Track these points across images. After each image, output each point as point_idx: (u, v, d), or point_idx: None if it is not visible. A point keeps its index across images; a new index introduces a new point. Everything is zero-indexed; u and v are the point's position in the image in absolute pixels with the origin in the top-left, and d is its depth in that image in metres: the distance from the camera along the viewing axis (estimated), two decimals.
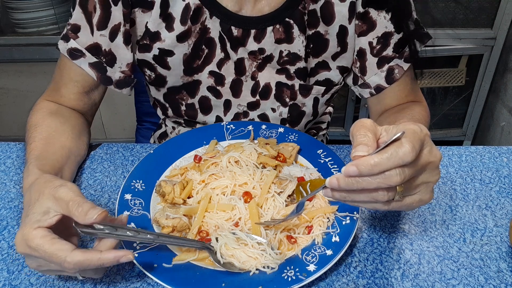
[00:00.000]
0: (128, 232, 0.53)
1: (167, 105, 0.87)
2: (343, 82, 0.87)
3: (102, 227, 0.52)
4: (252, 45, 0.78)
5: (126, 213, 0.64)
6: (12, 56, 1.94)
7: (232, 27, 0.76)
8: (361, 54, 0.81)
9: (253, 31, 0.76)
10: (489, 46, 1.94)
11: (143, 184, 0.70)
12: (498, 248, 0.64)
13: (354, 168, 0.48)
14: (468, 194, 0.74)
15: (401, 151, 0.47)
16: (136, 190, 0.69)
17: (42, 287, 0.58)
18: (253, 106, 0.86)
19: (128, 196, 0.67)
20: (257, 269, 0.57)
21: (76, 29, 0.75)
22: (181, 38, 0.76)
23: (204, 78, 0.81)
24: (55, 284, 0.58)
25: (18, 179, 0.77)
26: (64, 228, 0.55)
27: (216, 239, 0.59)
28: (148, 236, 0.55)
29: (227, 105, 0.86)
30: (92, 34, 0.75)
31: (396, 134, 0.48)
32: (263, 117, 0.88)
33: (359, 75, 0.84)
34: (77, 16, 0.74)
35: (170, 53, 0.78)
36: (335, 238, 0.61)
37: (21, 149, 0.85)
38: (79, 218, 0.51)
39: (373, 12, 0.77)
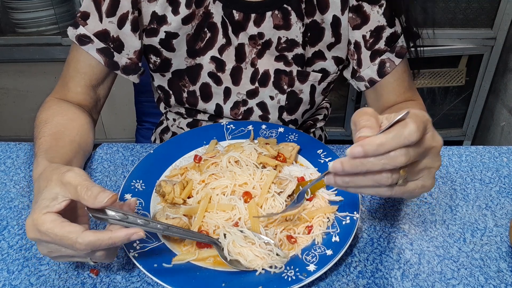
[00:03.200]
0: (139, 221, 0.53)
1: (171, 92, 0.89)
2: (339, 72, 0.89)
3: (113, 213, 0.52)
4: (252, 29, 0.80)
5: (133, 198, 0.64)
6: (12, 56, 1.94)
7: (234, 11, 0.79)
8: (357, 47, 0.84)
9: (253, 15, 0.79)
10: (489, 46, 1.94)
11: (143, 184, 0.70)
12: (498, 248, 0.64)
13: (359, 148, 0.47)
14: (468, 194, 0.74)
15: (406, 130, 0.47)
16: (136, 190, 0.69)
17: (42, 287, 0.58)
18: (252, 94, 0.88)
19: (128, 196, 0.67)
20: (263, 269, 0.57)
21: (85, 16, 0.78)
22: (186, 20, 0.80)
23: (206, 63, 0.84)
24: (55, 284, 0.59)
25: (18, 179, 0.77)
26: (74, 217, 0.55)
27: (224, 235, 0.59)
28: (158, 226, 0.55)
29: (227, 92, 0.88)
30: (101, 21, 0.78)
31: (400, 115, 0.47)
32: (262, 105, 0.89)
33: (356, 67, 0.86)
34: (87, 4, 0.78)
35: (175, 35, 0.81)
36: (335, 238, 0.60)
37: (21, 149, 0.85)
38: (88, 202, 0.51)
39: (366, 6, 0.80)
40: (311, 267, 0.56)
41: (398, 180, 0.50)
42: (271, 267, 0.57)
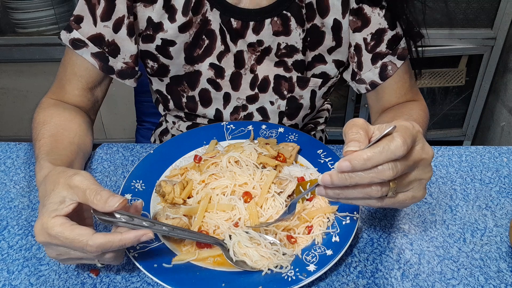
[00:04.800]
0: (144, 223, 0.54)
1: (169, 97, 0.89)
2: (339, 76, 0.89)
3: (119, 216, 0.53)
4: (251, 37, 0.80)
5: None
6: (12, 56, 1.94)
7: (232, 19, 0.78)
8: (357, 49, 0.83)
9: (251, 23, 0.78)
10: (489, 46, 1.94)
11: (143, 184, 0.70)
12: (498, 248, 0.64)
13: (347, 163, 0.48)
14: (468, 194, 0.74)
15: (392, 145, 0.47)
16: (136, 190, 0.69)
17: (42, 287, 0.58)
18: (252, 99, 0.88)
19: (128, 196, 0.67)
20: (269, 269, 0.57)
21: (79, 20, 0.77)
22: (183, 28, 0.79)
23: (205, 69, 0.83)
24: (55, 284, 0.59)
25: (18, 179, 0.77)
26: (81, 219, 0.56)
27: (230, 236, 0.59)
28: (164, 228, 0.55)
29: (227, 98, 0.87)
30: (95, 25, 0.77)
31: (387, 129, 0.48)
32: (262, 111, 0.89)
33: (356, 70, 0.85)
34: (80, 8, 0.77)
35: (172, 43, 0.80)
36: (335, 238, 0.61)
37: (21, 149, 0.85)
38: (98, 206, 0.51)
39: (367, 9, 0.79)
40: (311, 267, 0.56)
41: (388, 192, 0.51)
42: (276, 266, 0.57)
